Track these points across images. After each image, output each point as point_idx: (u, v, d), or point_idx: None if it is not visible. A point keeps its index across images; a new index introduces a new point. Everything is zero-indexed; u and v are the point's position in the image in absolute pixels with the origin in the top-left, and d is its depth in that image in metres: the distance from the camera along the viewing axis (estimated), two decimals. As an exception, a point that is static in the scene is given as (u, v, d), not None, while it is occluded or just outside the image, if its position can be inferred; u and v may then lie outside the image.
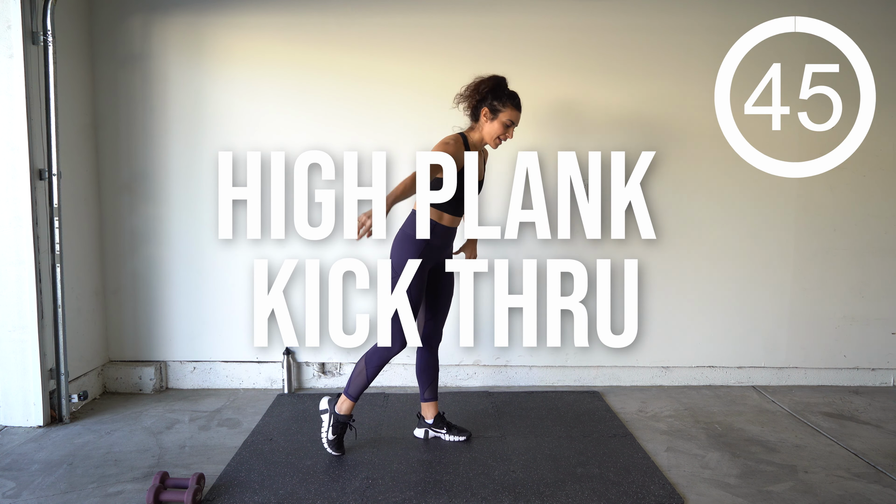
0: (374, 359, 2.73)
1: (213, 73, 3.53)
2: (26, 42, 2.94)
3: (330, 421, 2.74)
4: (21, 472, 2.59)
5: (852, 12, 3.57)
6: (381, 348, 2.69)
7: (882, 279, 3.73)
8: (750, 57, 3.57)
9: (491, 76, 2.73)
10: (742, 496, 2.42)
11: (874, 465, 2.71)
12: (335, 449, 2.73)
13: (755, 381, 3.80)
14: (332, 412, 2.75)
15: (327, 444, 2.73)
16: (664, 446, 2.89)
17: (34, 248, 2.99)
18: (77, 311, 3.34)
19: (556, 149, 3.61)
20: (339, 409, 2.75)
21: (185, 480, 2.36)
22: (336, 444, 2.73)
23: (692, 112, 3.60)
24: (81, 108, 3.43)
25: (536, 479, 2.52)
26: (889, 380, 3.82)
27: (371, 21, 3.52)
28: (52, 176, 3.05)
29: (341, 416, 2.75)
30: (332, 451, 2.73)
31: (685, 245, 3.68)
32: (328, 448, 2.73)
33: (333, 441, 2.73)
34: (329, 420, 2.75)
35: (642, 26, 3.56)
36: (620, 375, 3.79)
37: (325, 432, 2.75)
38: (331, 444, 2.73)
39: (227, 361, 3.69)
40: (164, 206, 3.59)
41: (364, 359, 2.76)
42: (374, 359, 2.73)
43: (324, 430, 2.75)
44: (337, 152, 3.59)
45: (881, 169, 3.66)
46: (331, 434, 2.73)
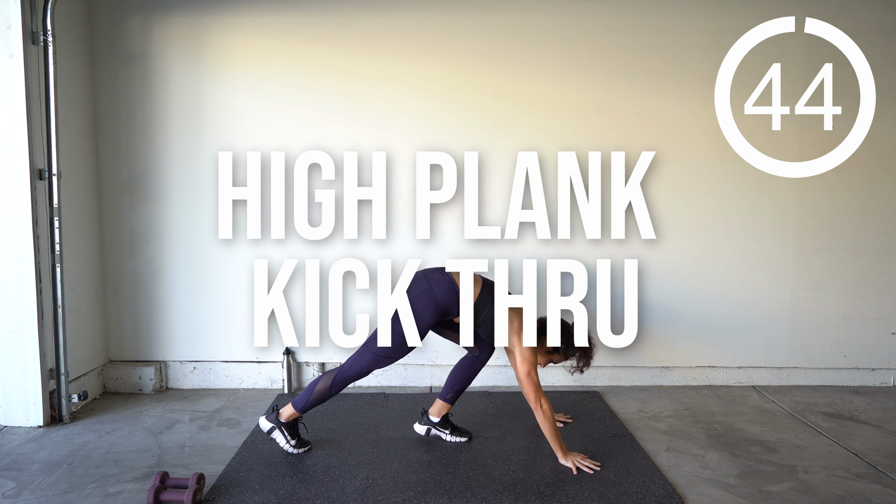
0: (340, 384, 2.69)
1: (213, 73, 3.53)
2: (26, 42, 2.94)
3: (283, 432, 2.72)
4: (21, 472, 2.58)
5: (852, 12, 3.57)
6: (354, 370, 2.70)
7: (882, 279, 3.73)
8: (750, 57, 3.57)
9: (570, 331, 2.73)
10: (742, 496, 2.42)
11: (874, 465, 2.71)
12: (301, 447, 2.74)
13: (755, 381, 3.80)
14: (280, 424, 2.72)
15: (293, 450, 2.73)
16: (664, 446, 2.89)
17: (34, 248, 2.99)
18: (77, 311, 3.34)
19: (556, 149, 3.61)
20: (285, 419, 2.72)
21: (185, 480, 2.36)
22: (298, 444, 2.74)
23: (692, 112, 3.60)
24: (81, 108, 3.43)
25: (536, 479, 2.52)
26: (889, 380, 3.82)
27: (371, 21, 3.52)
28: (52, 176, 3.05)
29: (289, 422, 2.73)
30: (300, 449, 2.74)
31: (685, 245, 3.68)
32: (295, 451, 2.73)
33: (296, 444, 2.73)
34: (281, 432, 2.72)
35: (642, 26, 3.56)
36: (620, 375, 3.79)
37: (284, 445, 2.72)
38: (295, 447, 2.73)
39: (227, 361, 3.69)
40: (164, 206, 3.59)
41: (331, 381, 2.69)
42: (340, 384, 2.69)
43: (283, 444, 2.72)
44: (337, 152, 3.60)
45: (881, 169, 3.66)
46: (290, 440, 2.72)
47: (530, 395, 2.56)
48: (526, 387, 2.57)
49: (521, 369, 2.58)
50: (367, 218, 3.64)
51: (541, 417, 2.56)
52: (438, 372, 3.72)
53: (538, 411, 2.55)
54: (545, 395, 2.57)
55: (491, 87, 3.56)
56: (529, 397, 2.57)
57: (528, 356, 2.59)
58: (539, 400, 2.55)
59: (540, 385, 2.58)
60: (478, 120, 3.57)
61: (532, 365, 2.58)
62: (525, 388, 2.58)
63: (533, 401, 2.56)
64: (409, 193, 3.61)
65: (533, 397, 2.56)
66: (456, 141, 3.58)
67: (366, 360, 2.69)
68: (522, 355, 2.59)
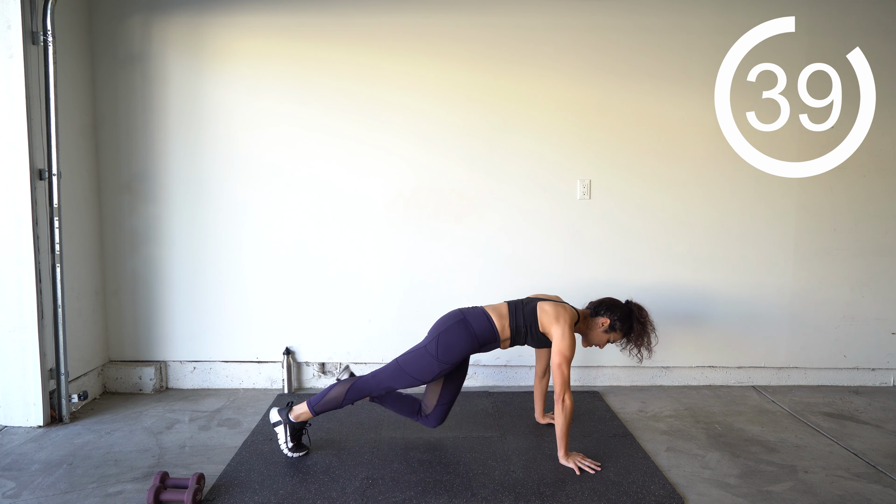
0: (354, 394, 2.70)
1: (213, 73, 3.53)
2: (26, 42, 2.94)
3: (286, 430, 2.72)
4: (21, 472, 2.58)
5: (852, 12, 3.57)
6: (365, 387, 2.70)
7: (882, 279, 3.73)
8: (750, 57, 3.57)
9: (628, 311, 2.79)
10: (742, 496, 2.42)
11: (874, 465, 2.71)
12: (297, 451, 2.73)
13: (755, 381, 3.80)
14: (287, 421, 2.73)
15: (288, 451, 2.72)
16: (664, 446, 2.89)
17: (34, 248, 2.99)
18: (77, 311, 3.34)
19: (556, 149, 3.62)
20: (295, 418, 2.72)
21: (185, 480, 2.36)
22: (296, 447, 2.73)
23: (692, 112, 3.60)
24: (81, 108, 3.43)
25: (536, 479, 2.52)
26: (889, 380, 3.82)
27: (371, 21, 3.52)
28: (52, 176, 3.05)
29: (297, 423, 2.73)
30: (295, 454, 2.72)
31: (685, 245, 3.68)
32: (290, 453, 2.71)
33: (293, 447, 2.72)
34: (284, 430, 2.72)
35: (642, 26, 3.56)
36: (620, 375, 3.79)
37: (283, 443, 2.72)
38: (291, 450, 2.72)
39: (227, 361, 3.70)
40: (164, 206, 3.59)
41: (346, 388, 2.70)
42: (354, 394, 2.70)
43: (281, 441, 2.72)
44: (337, 151, 3.61)
45: (881, 169, 3.66)
46: (289, 442, 2.72)
47: (558, 387, 2.60)
48: (556, 377, 2.61)
49: (553, 359, 2.62)
50: (367, 218, 3.65)
51: (558, 410, 2.59)
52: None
53: (559, 404, 2.58)
54: (570, 392, 2.60)
55: (491, 86, 3.56)
56: (556, 388, 2.60)
57: (562, 349, 2.61)
58: (563, 394, 2.58)
59: (568, 381, 2.60)
60: (478, 120, 3.57)
61: (564, 358, 2.60)
62: (555, 378, 2.61)
63: (558, 393, 2.59)
64: (409, 193, 3.61)
65: (559, 389, 2.59)
66: (456, 141, 3.59)
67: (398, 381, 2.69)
68: (558, 347, 2.62)
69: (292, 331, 3.68)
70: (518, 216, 3.64)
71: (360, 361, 3.70)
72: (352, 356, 3.70)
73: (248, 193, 3.60)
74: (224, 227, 3.61)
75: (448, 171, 3.60)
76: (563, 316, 2.67)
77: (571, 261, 3.66)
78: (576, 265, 3.66)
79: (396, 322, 3.66)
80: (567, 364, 2.60)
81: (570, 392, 2.60)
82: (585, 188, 3.63)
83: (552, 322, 2.66)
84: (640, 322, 2.75)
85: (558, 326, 2.64)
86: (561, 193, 3.64)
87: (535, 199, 3.63)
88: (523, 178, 3.62)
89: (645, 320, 2.77)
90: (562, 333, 2.62)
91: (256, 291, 3.65)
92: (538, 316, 2.70)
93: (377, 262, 3.66)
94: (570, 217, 3.65)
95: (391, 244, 3.64)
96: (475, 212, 3.63)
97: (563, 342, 2.62)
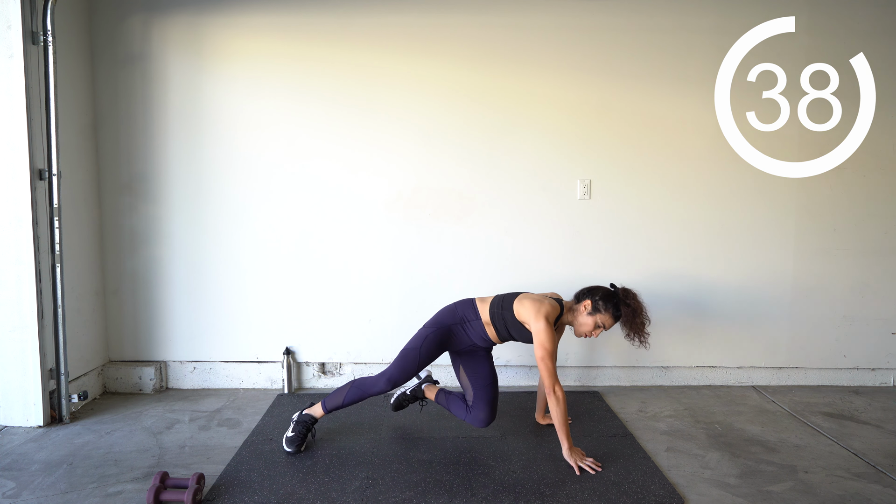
0: (356, 392, 2.77)
1: (212, 73, 3.53)
2: (26, 42, 2.94)
3: (293, 422, 2.82)
4: (21, 472, 2.58)
5: (852, 12, 3.57)
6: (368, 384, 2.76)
7: (882, 279, 3.73)
8: (750, 57, 3.57)
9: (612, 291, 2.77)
10: (742, 496, 2.42)
11: (874, 465, 2.71)
12: (289, 445, 2.76)
13: (755, 381, 3.80)
14: (301, 412, 2.83)
15: (284, 442, 2.77)
16: (664, 446, 2.89)
17: (34, 248, 2.99)
18: (77, 311, 3.34)
19: (557, 148, 3.62)
20: (310, 410, 2.83)
21: (185, 480, 2.36)
22: (291, 441, 2.76)
23: (692, 112, 3.60)
24: (81, 108, 3.43)
25: (536, 479, 2.52)
26: (889, 380, 3.82)
27: (371, 21, 3.52)
28: (52, 176, 3.05)
29: (307, 416, 2.81)
30: (286, 447, 2.76)
31: (685, 244, 3.68)
32: (284, 445, 2.77)
33: (291, 438, 2.77)
34: (293, 422, 2.83)
35: (642, 26, 3.56)
36: (620, 375, 3.79)
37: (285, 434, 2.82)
38: (288, 440, 2.77)
39: (227, 361, 3.70)
40: (164, 206, 3.59)
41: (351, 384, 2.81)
42: (356, 392, 2.77)
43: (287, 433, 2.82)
44: (338, 151, 3.61)
45: (881, 169, 3.66)
46: (290, 432, 2.79)
47: (545, 380, 2.60)
48: (542, 371, 2.61)
49: (536, 353, 2.63)
50: (367, 217, 3.65)
51: (552, 403, 2.60)
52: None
53: (551, 397, 2.59)
54: (559, 383, 2.61)
55: (491, 86, 3.56)
56: (545, 382, 2.61)
57: (542, 341, 2.61)
58: (553, 386, 2.59)
59: (555, 372, 2.61)
60: (478, 119, 3.57)
61: (546, 351, 2.60)
62: (541, 373, 2.62)
63: (548, 386, 2.60)
64: (410, 192, 3.61)
65: (548, 383, 2.60)
66: (456, 140, 3.59)
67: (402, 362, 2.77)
68: (538, 340, 2.63)
69: (292, 331, 3.68)
70: (518, 216, 3.64)
71: (361, 361, 3.70)
72: (352, 356, 3.71)
73: (249, 193, 3.60)
74: (224, 226, 3.61)
75: (448, 171, 3.60)
76: (540, 309, 2.66)
77: (571, 260, 3.66)
78: (576, 265, 3.66)
79: (397, 322, 3.65)
80: (550, 356, 2.60)
81: (560, 383, 2.61)
82: (585, 188, 3.63)
83: (529, 315, 2.67)
84: (627, 304, 2.70)
85: (536, 321, 2.64)
86: (561, 193, 3.64)
87: (535, 198, 3.63)
88: (523, 178, 3.62)
89: (633, 301, 2.71)
90: (540, 327, 2.63)
91: (256, 291, 3.65)
92: (514, 306, 2.72)
93: (377, 262, 3.66)
94: (571, 217, 3.65)
95: (391, 244, 3.64)
96: (475, 212, 3.63)
97: (542, 335, 2.62)
